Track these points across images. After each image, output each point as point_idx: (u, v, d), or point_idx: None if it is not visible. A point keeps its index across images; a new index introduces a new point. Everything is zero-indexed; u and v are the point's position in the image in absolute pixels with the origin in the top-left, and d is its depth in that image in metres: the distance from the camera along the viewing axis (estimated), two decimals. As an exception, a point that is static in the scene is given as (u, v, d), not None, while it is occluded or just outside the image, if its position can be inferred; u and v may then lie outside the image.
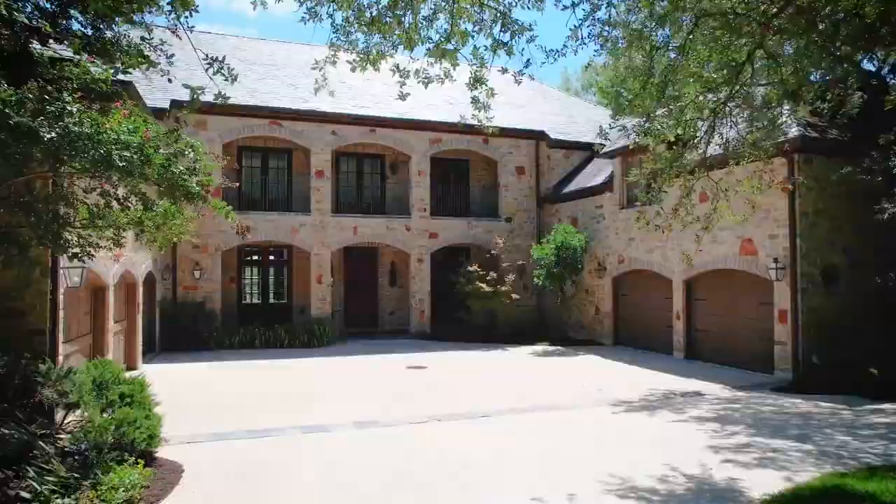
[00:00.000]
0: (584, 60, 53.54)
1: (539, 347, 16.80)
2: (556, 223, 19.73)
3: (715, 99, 7.90)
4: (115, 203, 6.30)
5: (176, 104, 16.35)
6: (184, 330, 16.04)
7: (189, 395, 10.50)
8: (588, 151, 20.70)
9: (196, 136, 17.96)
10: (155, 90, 16.71)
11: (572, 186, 19.00)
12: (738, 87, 7.47)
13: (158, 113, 16.00)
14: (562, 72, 47.48)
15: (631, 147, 10.91)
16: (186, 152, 6.23)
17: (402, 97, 6.62)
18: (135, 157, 5.38)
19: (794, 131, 11.36)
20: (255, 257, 19.87)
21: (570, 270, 16.71)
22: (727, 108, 8.03)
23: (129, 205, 6.48)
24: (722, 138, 8.68)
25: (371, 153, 20.54)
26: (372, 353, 15.78)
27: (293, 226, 17.97)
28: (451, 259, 21.17)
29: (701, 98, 7.82)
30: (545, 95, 24.11)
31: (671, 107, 7.96)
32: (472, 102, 6.85)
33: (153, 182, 5.93)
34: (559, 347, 16.68)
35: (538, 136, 20.49)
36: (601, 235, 17.42)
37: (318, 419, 8.92)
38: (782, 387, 11.09)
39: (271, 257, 19.92)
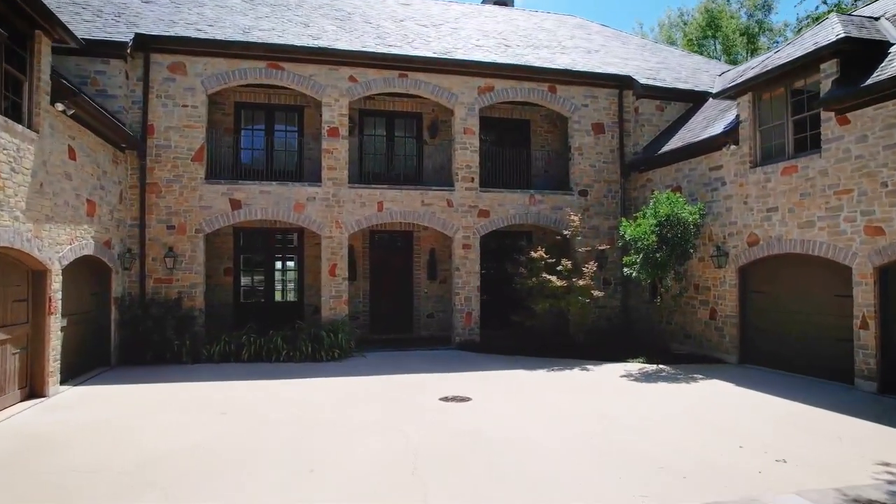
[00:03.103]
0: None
1: (633, 366, 11.88)
2: (649, 196, 14.72)
3: None
4: None
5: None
6: (149, 337, 11.96)
7: (83, 458, 6.25)
8: (689, 103, 15.60)
9: (171, 84, 14.07)
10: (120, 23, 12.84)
11: (671, 145, 13.96)
12: None
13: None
14: (635, 29, 41.79)
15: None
16: None
17: None
18: None
19: None
20: (258, 243, 15.70)
21: (678, 256, 11.72)
22: None
23: None
24: None
25: (404, 111, 16.07)
26: (397, 371, 11.27)
27: (298, 200, 13.67)
28: (507, 244, 16.48)
29: None
30: (623, 41, 19.04)
31: None
32: None
33: None
34: (662, 367, 11.71)
35: (622, 83, 15.52)
36: (719, 208, 12.34)
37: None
38: None
39: (277, 243, 15.70)
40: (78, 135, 10.04)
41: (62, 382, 9.48)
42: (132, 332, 12.02)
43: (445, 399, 9.00)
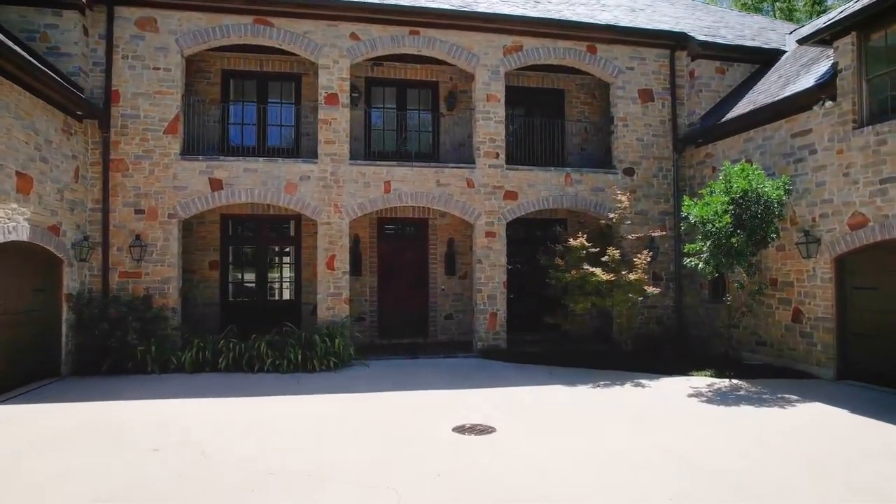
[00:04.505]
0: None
1: (700, 382, 9.47)
2: (707, 174, 12.27)
3: None
4: None
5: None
6: (105, 342, 9.94)
7: None
8: (755, 64, 13.06)
9: (139, 43, 12.04)
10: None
11: (738, 111, 11.48)
12: None
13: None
14: None
15: None
16: None
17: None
18: None
19: None
20: (249, 233, 13.65)
21: (755, 243, 9.27)
22: None
23: None
24: None
25: (417, 79, 13.83)
26: (403, 386, 9.05)
27: (289, 179, 11.54)
28: (537, 234, 14.17)
29: None
30: (671, 1, 16.51)
31: None
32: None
33: None
34: (737, 383, 9.28)
35: (674, 42, 13.06)
36: (806, 183, 9.85)
37: None
38: None
39: (271, 232, 13.61)
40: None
41: (-24, 401, 7.50)
42: (90, 335, 10.02)
43: (461, 429, 6.74)
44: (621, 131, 12.99)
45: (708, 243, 9.25)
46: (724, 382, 9.29)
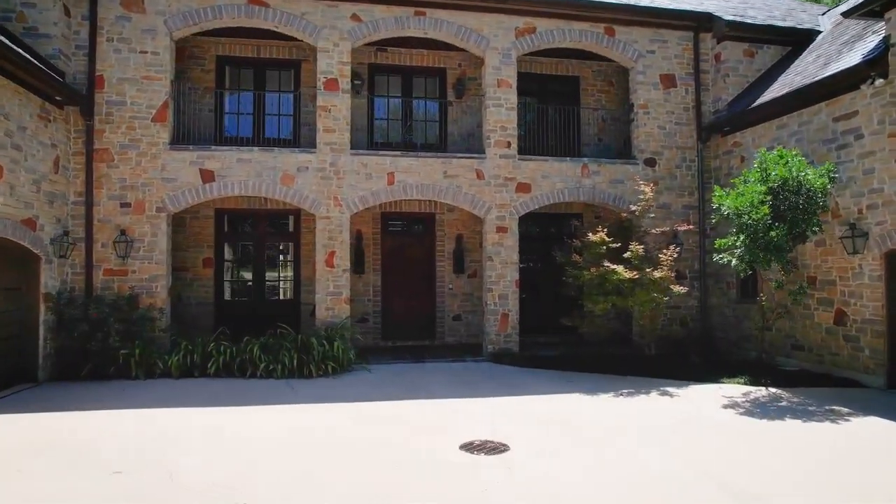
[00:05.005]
0: None
1: (733, 390, 8.58)
2: (735, 164, 11.37)
3: None
4: None
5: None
6: (85, 344, 9.20)
7: None
8: (787, 46, 12.14)
9: (125, 24, 11.24)
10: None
11: (771, 94, 10.57)
12: None
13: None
14: None
15: None
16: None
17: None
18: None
19: None
20: (245, 228, 12.89)
21: (794, 237, 8.37)
22: None
23: None
24: None
25: (424, 66, 13.02)
26: (406, 394, 8.24)
27: (286, 170, 10.76)
28: (551, 231, 13.34)
29: None
30: (694, -15, 15.57)
31: None
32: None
33: None
34: (775, 392, 8.39)
35: (699, 23, 12.16)
36: (851, 171, 8.93)
37: None
38: None
39: (269, 228, 12.84)
40: (-35, 69, 7.32)
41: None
42: (70, 338, 9.29)
43: (470, 447, 5.91)
44: (642, 119, 12.11)
45: (741, 237, 8.36)
46: (760, 391, 8.40)
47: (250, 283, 12.55)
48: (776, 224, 8.07)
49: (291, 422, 6.87)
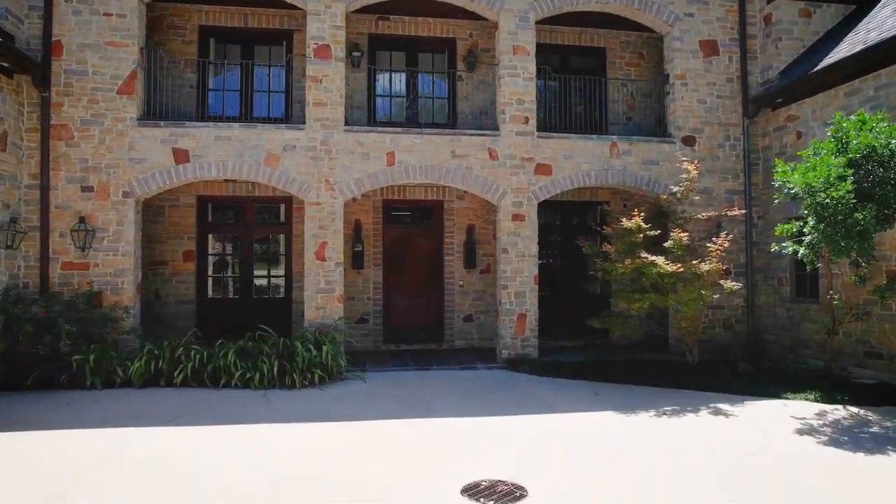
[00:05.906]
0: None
1: (802, 409, 7.04)
2: (790, 141, 9.79)
3: None
4: None
5: None
6: (32, 349, 7.92)
7: None
8: (850, 5, 10.50)
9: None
10: None
11: (838, 55, 8.97)
12: None
13: None
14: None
15: None
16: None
17: None
18: None
19: None
20: (231, 218, 11.58)
21: (881, 221, 6.77)
22: None
23: None
24: None
25: (431, 36, 11.57)
26: (402, 412, 6.83)
27: (270, 150, 9.40)
28: (574, 222, 11.85)
29: None
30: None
31: None
32: None
33: None
34: (858, 413, 6.83)
35: (746, -20, 10.60)
36: (942, 143, 7.30)
37: None
38: None
39: (258, 217, 11.51)
40: None
41: None
42: (16, 341, 8.02)
43: (475, 491, 4.48)
44: (679, 91, 10.56)
45: (813, 221, 6.80)
46: (838, 411, 6.85)
47: (237, 280, 11.24)
48: (862, 204, 6.50)
49: (259, 445, 5.52)
